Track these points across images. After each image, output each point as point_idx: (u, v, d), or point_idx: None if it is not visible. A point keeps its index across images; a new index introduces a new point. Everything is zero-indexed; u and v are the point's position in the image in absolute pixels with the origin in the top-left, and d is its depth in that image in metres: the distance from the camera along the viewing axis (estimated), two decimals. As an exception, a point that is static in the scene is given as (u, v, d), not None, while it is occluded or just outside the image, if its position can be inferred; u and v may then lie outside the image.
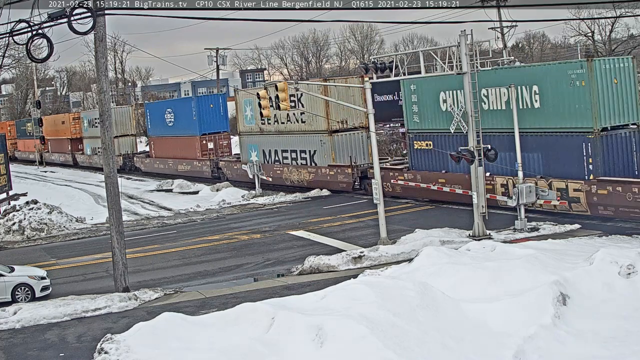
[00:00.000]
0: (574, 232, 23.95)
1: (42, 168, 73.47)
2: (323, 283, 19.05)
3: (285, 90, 26.59)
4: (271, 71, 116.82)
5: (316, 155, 38.28)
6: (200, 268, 24.00)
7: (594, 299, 15.09)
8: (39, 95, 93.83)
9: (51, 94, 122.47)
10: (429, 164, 31.43)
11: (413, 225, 26.29)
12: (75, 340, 16.92)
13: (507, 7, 45.76)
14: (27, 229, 32.49)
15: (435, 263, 18.02)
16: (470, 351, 13.23)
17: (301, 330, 13.50)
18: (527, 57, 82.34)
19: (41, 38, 17.04)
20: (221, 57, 64.87)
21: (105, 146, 20.76)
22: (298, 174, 39.53)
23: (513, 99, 25.38)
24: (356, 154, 36.74)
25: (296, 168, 39.64)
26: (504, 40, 47.78)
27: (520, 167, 25.10)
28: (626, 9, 57.52)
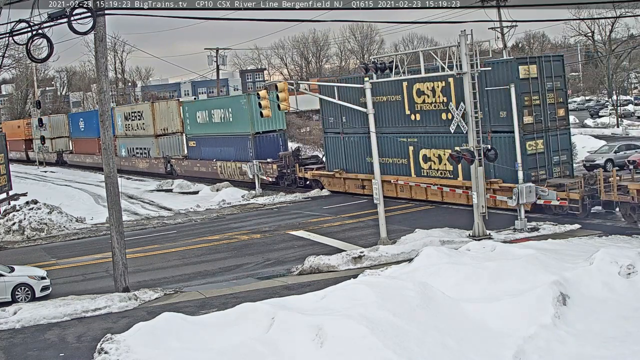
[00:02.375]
0: (574, 232, 23.96)
1: (42, 168, 73.52)
2: (323, 283, 19.05)
3: (285, 90, 26.75)
4: (271, 71, 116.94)
5: (151, 150, 56.34)
6: (200, 268, 24.00)
7: (594, 299, 15.09)
8: (39, 95, 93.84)
9: (51, 94, 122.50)
10: (199, 155, 49.93)
11: (413, 225, 26.29)
12: (75, 340, 16.91)
13: (507, 7, 45.80)
14: (27, 229, 32.49)
15: (435, 263, 18.01)
16: (470, 351, 13.23)
17: (301, 330, 13.51)
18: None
19: (41, 38, 17.02)
20: (221, 57, 64.85)
21: (105, 146, 20.77)
22: (142, 163, 57.66)
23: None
24: (172, 150, 54.82)
25: (142, 159, 57.89)
26: (504, 40, 47.80)
27: (521, 167, 25.12)
28: (626, 9, 57.58)
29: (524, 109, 26.99)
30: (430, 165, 31.53)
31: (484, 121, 26.70)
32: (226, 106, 46.29)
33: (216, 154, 47.37)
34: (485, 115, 27.05)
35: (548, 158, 28.08)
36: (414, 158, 32.33)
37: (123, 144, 60.05)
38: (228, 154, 46.04)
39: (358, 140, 35.51)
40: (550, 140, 28.12)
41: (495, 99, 27.92)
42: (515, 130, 25.19)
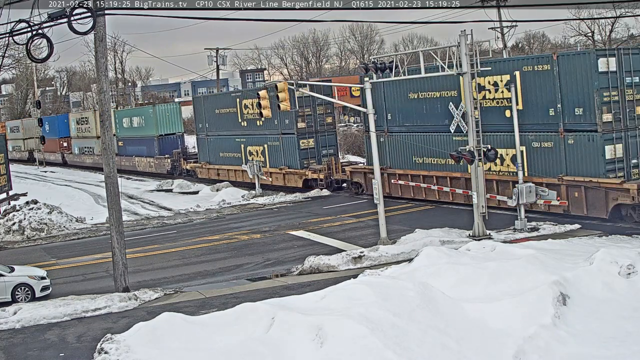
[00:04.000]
0: (574, 232, 23.96)
1: (42, 168, 73.57)
2: (323, 283, 19.05)
3: (285, 90, 26.79)
4: (271, 71, 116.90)
5: (94, 149, 65.02)
6: (200, 268, 24.00)
7: (594, 299, 15.08)
8: (39, 95, 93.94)
9: (51, 94, 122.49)
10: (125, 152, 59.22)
11: (413, 225, 26.29)
12: (75, 340, 16.91)
13: (507, 7, 45.81)
14: (27, 229, 32.49)
15: (435, 263, 18.01)
16: (470, 351, 13.23)
17: (301, 330, 13.51)
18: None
19: (41, 38, 17.03)
20: (221, 57, 64.91)
21: (105, 146, 20.76)
22: (89, 159, 66.74)
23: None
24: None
25: (88, 156, 66.91)
26: (504, 40, 47.82)
27: (521, 167, 25.12)
28: (626, 9, 57.59)
29: (602, 105, 24.72)
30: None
31: (556, 119, 25.43)
32: (140, 114, 57.90)
33: (135, 152, 58.71)
34: (557, 112, 25.73)
35: (627, 162, 25.13)
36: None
37: (76, 144, 71.25)
38: (142, 151, 57.56)
39: (216, 140, 47.37)
40: (629, 142, 25.15)
41: (571, 95, 25.14)
42: (516, 132, 25.09)
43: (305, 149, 39.30)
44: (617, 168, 24.88)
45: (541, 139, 26.60)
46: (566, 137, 25.72)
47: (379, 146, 32.05)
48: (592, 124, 24.82)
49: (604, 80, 24.58)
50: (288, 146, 39.99)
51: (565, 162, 25.85)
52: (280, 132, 40.45)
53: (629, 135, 25.09)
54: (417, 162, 32.00)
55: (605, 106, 24.69)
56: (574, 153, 25.52)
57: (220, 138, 46.48)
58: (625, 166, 24.96)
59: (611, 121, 24.78)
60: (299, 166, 39.18)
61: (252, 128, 42.99)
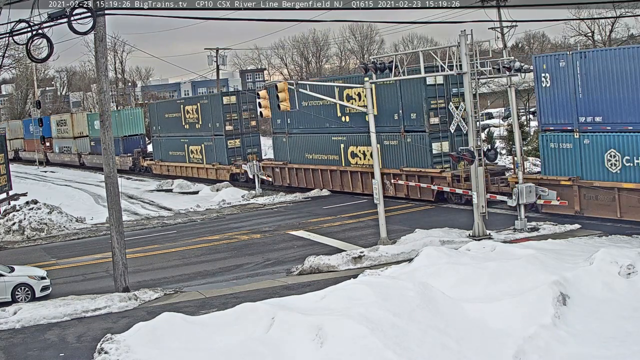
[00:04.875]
0: (574, 232, 23.97)
1: (42, 168, 73.64)
2: (323, 283, 19.05)
3: (285, 90, 26.79)
4: (271, 71, 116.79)
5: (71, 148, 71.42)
6: (200, 268, 24.00)
7: (594, 299, 15.08)
8: (39, 95, 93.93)
9: (51, 94, 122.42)
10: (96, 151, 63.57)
11: (413, 225, 26.29)
12: (75, 340, 16.91)
13: (507, 7, 45.72)
14: (27, 229, 32.49)
15: (435, 263, 18.01)
16: (470, 351, 13.22)
17: (301, 330, 13.51)
18: (527, 57, 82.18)
19: (41, 38, 17.02)
20: (221, 57, 64.84)
21: (105, 146, 20.75)
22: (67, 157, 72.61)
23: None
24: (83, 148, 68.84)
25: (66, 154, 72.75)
26: (504, 40, 47.76)
27: (521, 167, 25.12)
28: (626, 9, 57.58)
29: (430, 111, 30.54)
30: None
31: (399, 122, 29.70)
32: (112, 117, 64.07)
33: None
34: (400, 117, 31.28)
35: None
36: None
37: (57, 143, 76.16)
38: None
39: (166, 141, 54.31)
40: (455, 140, 30.55)
41: (408, 103, 29.65)
42: (516, 135, 25.17)
43: (232, 148, 46.57)
44: (444, 161, 30.75)
45: (390, 138, 33.42)
46: (405, 136, 32.52)
47: (281, 146, 41.89)
48: (422, 125, 31.37)
49: (432, 91, 30.99)
50: (219, 146, 47.13)
51: (405, 156, 32.73)
52: (212, 134, 47.59)
53: (455, 134, 29.65)
54: (309, 158, 39.38)
55: (432, 111, 31.14)
56: (411, 149, 32.28)
57: (169, 139, 53.98)
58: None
59: (438, 123, 31.08)
60: (227, 162, 46.20)
61: (192, 130, 50.39)
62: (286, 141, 41.05)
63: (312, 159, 39.10)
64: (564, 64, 25.46)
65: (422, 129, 31.39)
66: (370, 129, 25.22)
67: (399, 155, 33.08)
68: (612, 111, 24.24)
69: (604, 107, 24.47)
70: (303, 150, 39.89)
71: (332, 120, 36.70)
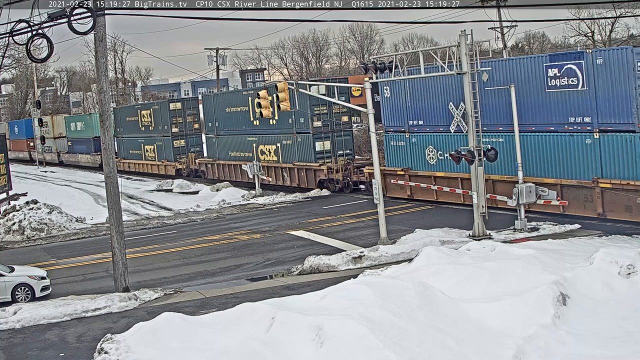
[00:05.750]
0: (574, 232, 23.96)
1: (42, 168, 73.69)
2: (323, 283, 19.04)
3: (285, 90, 26.79)
4: (271, 71, 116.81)
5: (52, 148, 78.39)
6: (200, 268, 23.99)
7: (594, 299, 15.09)
8: (39, 95, 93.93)
9: (51, 94, 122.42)
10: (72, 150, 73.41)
11: (413, 225, 26.29)
12: (75, 340, 16.91)
13: (507, 7, 45.83)
14: (27, 229, 32.49)
15: (435, 263, 18.01)
16: (470, 351, 13.22)
17: (301, 330, 13.50)
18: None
19: (41, 38, 17.03)
20: (221, 57, 64.91)
21: (106, 146, 20.75)
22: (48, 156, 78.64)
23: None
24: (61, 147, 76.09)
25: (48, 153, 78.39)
26: (504, 40, 47.82)
27: (520, 167, 25.12)
28: (626, 9, 57.60)
29: (314, 116, 37.01)
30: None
31: (292, 125, 36.37)
32: (82, 120, 71.81)
33: (78, 150, 71.62)
34: (293, 121, 38.14)
35: (334, 152, 38.71)
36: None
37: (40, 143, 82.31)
38: (83, 149, 70.53)
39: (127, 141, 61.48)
40: (335, 140, 38.88)
41: (299, 110, 32.58)
42: (517, 132, 25.14)
43: (177, 147, 53.43)
44: (326, 157, 38.18)
45: (286, 139, 40.48)
46: (297, 137, 39.33)
47: (212, 145, 49.30)
48: (308, 128, 38.30)
49: (315, 100, 36.83)
50: (167, 145, 54.34)
51: (297, 153, 39.60)
52: (162, 135, 54.70)
53: (335, 135, 38.44)
54: (231, 155, 46.43)
55: (316, 117, 38.06)
56: (301, 147, 39.20)
57: (129, 139, 61.22)
58: (333, 155, 38.24)
59: (320, 126, 38.13)
60: (173, 159, 53.50)
61: (147, 132, 57.86)
62: (215, 141, 48.27)
63: (233, 156, 46.25)
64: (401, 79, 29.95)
65: (308, 131, 38.47)
66: (370, 128, 25.22)
67: (293, 152, 40.22)
68: (429, 116, 31.05)
69: (425, 113, 31.38)
70: (227, 149, 46.95)
71: (247, 124, 43.88)
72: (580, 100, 24.79)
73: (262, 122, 41.40)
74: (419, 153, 31.99)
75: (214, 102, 48.31)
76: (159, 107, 55.45)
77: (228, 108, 45.99)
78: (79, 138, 71.64)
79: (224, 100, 47.36)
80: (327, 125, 38.16)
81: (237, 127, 45.20)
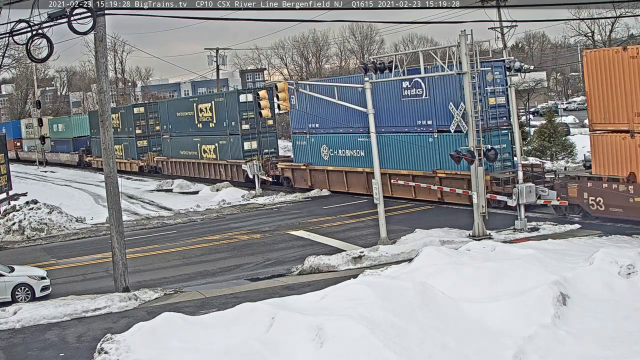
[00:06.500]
0: (574, 232, 23.96)
1: (42, 168, 73.76)
2: (323, 283, 19.04)
3: (285, 90, 26.79)
4: (271, 71, 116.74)
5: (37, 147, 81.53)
6: (200, 268, 23.99)
7: (594, 299, 15.08)
8: (39, 95, 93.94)
9: (51, 94, 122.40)
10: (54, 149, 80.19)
11: (413, 225, 26.29)
12: (75, 340, 16.91)
13: (507, 7, 45.70)
14: (27, 229, 32.48)
15: (435, 263, 18.01)
16: (470, 351, 13.22)
17: (301, 330, 13.50)
18: (527, 57, 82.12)
19: (41, 38, 17.02)
20: (221, 57, 64.89)
21: (105, 146, 20.73)
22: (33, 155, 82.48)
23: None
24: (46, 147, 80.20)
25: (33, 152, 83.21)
26: (504, 40, 47.75)
27: (520, 167, 25.12)
28: (626, 9, 57.58)
29: (242, 120, 45.03)
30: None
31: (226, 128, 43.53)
32: (63, 122, 79.46)
33: (60, 149, 78.45)
34: (227, 124, 46.51)
35: (260, 150, 45.55)
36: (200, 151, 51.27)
37: (25, 143, 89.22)
38: (64, 149, 77.19)
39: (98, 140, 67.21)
40: (261, 140, 45.45)
41: (230, 115, 44.44)
42: (516, 131, 25.17)
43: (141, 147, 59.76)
44: (253, 154, 44.18)
45: (224, 139, 47.04)
46: (230, 138, 46.15)
47: (166, 145, 55.92)
48: (237, 130, 45.24)
49: (243, 106, 44.59)
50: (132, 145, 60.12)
51: (230, 151, 46.39)
52: (128, 136, 60.75)
53: (261, 136, 45.21)
54: (182, 154, 53.51)
55: (244, 120, 44.75)
56: (233, 147, 45.99)
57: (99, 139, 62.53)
58: (259, 153, 44.62)
59: (248, 129, 44.91)
60: (137, 157, 59.73)
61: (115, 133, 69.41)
62: (169, 142, 55.24)
63: (183, 154, 53.45)
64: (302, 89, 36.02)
65: (237, 132, 45.44)
66: (370, 129, 25.22)
67: (227, 151, 46.93)
68: (325, 120, 37.08)
69: (320, 118, 37.47)
70: (178, 148, 54.11)
71: (193, 127, 51.05)
72: (425, 107, 31.10)
73: (204, 125, 49.58)
74: (316, 151, 39.08)
75: (168, 107, 55.96)
76: (125, 111, 61.62)
77: (178, 113, 53.31)
78: (61, 138, 78.71)
79: (175, 106, 54.95)
80: (255, 128, 45.13)
81: (185, 130, 52.34)
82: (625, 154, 23.77)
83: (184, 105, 53.83)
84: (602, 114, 24.47)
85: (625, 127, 23.62)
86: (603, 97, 24.26)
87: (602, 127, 24.65)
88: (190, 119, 51.50)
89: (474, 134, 24.19)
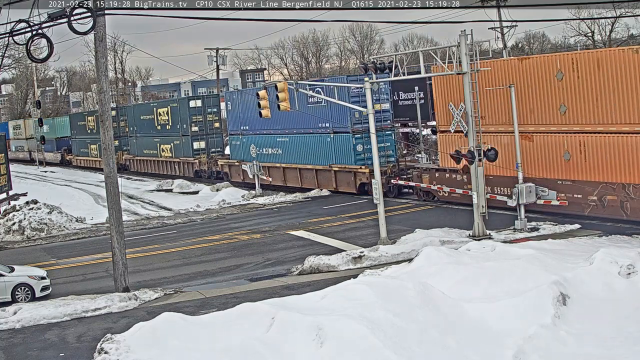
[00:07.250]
0: (574, 232, 23.96)
1: (42, 168, 73.77)
2: (323, 283, 19.04)
3: (285, 90, 26.77)
4: (271, 71, 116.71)
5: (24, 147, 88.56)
6: (200, 268, 24.00)
7: (594, 299, 15.08)
8: (39, 95, 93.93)
9: (51, 94, 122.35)
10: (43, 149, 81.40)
11: (413, 225, 26.29)
12: (75, 340, 16.91)
13: (507, 7, 45.79)
14: (27, 229, 32.48)
15: (435, 263, 18.01)
16: (470, 351, 13.23)
17: (301, 330, 13.50)
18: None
19: (41, 38, 17.03)
20: (221, 57, 64.93)
21: (105, 146, 20.73)
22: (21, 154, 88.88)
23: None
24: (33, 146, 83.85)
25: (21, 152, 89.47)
26: (504, 40, 47.81)
27: (521, 167, 25.12)
28: (626, 9, 57.59)
29: (192, 123, 52.85)
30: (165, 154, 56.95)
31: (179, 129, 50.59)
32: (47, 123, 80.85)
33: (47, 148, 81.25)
34: (180, 127, 53.21)
35: (208, 149, 52.49)
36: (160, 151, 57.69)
37: (13, 144, 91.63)
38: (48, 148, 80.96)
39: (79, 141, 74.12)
40: (209, 140, 53.40)
41: (182, 119, 51.84)
42: (516, 132, 25.17)
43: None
44: (201, 152, 51.60)
45: (178, 140, 53.74)
46: (182, 138, 52.97)
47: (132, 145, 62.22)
48: (188, 132, 51.94)
49: (193, 111, 52.01)
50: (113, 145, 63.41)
51: (182, 151, 53.27)
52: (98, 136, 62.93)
53: (209, 137, 52.00)
54: (145, 152, 59.85)
55: (193, 123, 51.71)
56: (184, 146, 52.75)
57: (81, 140, 72.95)
58: (207, 151, 51.57)
59: (197, 130, 51.69)
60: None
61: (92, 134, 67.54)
62: (135, 142, 61.70)
63: (146, 153, 60.02)
64: (235, 97, 46.53)
65: (187, 134, 52.36)
66: (370, 129, 25.23)
67: (180, 150, 53.83)
68: (252, 123, 43.10)
69: (250, 121, 43.51)
70: (142, 148, 60.51)
71: (153, 129, 57.75)
72: (324, 112, 36.60)
73: (162, 127, 56.50)
74: (246, 149, 44.60)
75: (133, 111, 62.99)
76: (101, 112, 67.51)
77: (142, 116, 60.10)
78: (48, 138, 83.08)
79: (139, 110, 62.17)
80: (203, 130, 52.00)
81: (147, 131, 59.06)
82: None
83: (146, 109, 60.67)
84: (444, 119, 30.14)
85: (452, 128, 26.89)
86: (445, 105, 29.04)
87: (443, 129, 30.20)
88: (152, 122, 58.30)
89: (474, 134, 24.19)
